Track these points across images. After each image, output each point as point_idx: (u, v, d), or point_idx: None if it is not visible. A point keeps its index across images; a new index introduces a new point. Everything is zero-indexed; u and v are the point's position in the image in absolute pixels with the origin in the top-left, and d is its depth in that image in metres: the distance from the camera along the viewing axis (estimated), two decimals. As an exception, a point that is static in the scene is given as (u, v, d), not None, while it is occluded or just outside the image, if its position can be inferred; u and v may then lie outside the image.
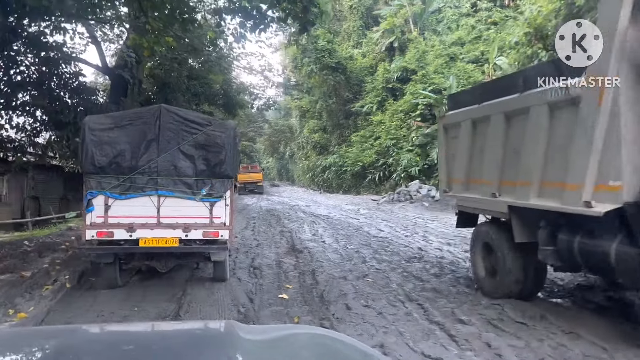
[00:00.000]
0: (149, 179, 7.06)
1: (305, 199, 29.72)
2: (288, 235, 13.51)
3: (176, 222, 7.06)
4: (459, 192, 7.62)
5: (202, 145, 7.26)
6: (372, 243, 11.71)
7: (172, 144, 7.14)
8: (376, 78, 34.88)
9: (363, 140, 33.49)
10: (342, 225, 15.10)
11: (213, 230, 7.16)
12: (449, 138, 8.05)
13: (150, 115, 7.28)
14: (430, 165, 27.54)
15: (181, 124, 7.23)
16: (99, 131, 6.99)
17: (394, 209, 19.73)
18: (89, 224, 6.96)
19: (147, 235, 6.93)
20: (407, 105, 30.44)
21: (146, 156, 7.06)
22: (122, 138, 7.03)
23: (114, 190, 6.95)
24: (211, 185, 7.25)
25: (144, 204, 7.05)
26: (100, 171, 6.92)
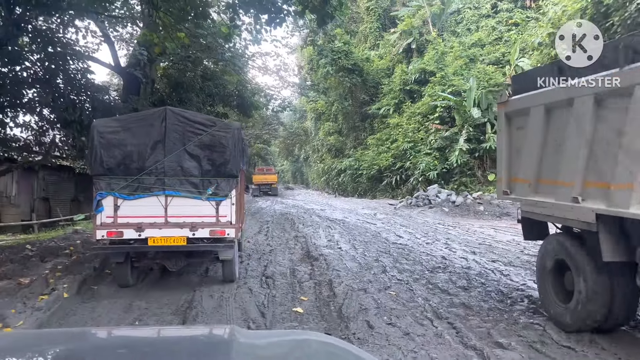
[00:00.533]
0: (156, 180, 7.20)
1: (320, 203, 29.13)
2: (303, 241, 12.92)
3: (183, 221, 7.21)
4: (525, 194, 6.24)
5: (207, 145, 7.39)
6: (391, 250, 11.06)
7: (178, 145, 7.29)
8: (393, 80, 34.18)
9: (379, 143, 32.79)
10: (359, 231, 14.46)
11: (219, 228, 7.29)
12: (513, 129, 6.60)
13: (156, 117, 7.40)
14: (449, 169, 26.79)
15: (186, 125, 7.36)
16: (107, 134, 7.13)
17: (413, 214, 19.01)
18: (99, 224, 7.11)
19: (156, 234, 7.08)
20: (425, 108, 29.71)
21: (153, 157, 7.20)
22: (130, 140, 7.16)
23: (123, 191, 7.09)
24: (217, 184, 7.36)
25: (151, 203, 7.19)
26: (109, 172, 7.07)
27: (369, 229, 14.97)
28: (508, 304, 6.53)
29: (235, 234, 7.46)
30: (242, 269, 9.00)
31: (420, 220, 17.00)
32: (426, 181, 27.30)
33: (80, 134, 9.88)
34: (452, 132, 26.84)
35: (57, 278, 7.53)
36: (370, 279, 7.96)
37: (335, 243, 12.30)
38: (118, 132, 7.19)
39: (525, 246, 11.31)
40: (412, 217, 17.95)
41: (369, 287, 7.37)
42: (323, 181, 43.44)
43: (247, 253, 10.87)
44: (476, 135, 26.17)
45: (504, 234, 13.68)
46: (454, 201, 18.99)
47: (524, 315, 6.01)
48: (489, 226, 15.23)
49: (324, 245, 12.07)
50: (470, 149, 25.77)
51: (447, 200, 19.50)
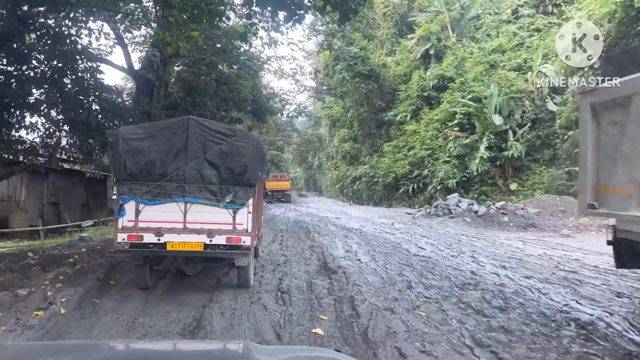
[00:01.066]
0: (176, 186, 7.37)
1: (334, 211, 28.44)
2: (319, 251, 12.28)
3: (201, 227, 7.33)
4: (623, 208, 4.99)
5: (226, 154, 7.54)
6: (414, 263, 10.35)
7: (199, 153, 7.44)
8: (410, 86, 33.53)
9: (396, 151, 32.10)
10: (378, 241, 13.76)
11: (236, 236, 7.40)
12: (604, 124, 5.32)
13: (179, 126, 7.60)
14: (468, 177, 26.01)
15: (208, 134, 7.53)
16: (131, 140, 7.36)
17: (433, 224, 18.26)
18: (120, 228, 7.27)
19: (174, 239, 7.25)
20: (444, 115, 28.99)
21: (174, 164, 7.37)
22: (153, 147, 7.37)
23: (145, 196, 7.28)
24: (235, 193, 7.47)
25: (171, 209, 7.35)
26: (132, 178, 7.26)
27: (388, 239, 14.27)
28: (553, 329, 5.80)
29: (250, 242, 7.54)
30: (255, 281, 8.40)
31: (442, 231, 16.25)
32: (445, 190, 26.53)
33: (88, 136, 9.39)
34: (472, 140, 26.08)
35: (57, 290, 6.97)
36: (396, 296, 7.27)
37: (354, 254, 11.63)
38: (143, 139, 7.41)
39: (559, 261, 10.54)
40: (432, 228, 17.20)
41: (396, 306, 6.69)
42: (337, 189, 42.80)
43: (261, 264, 10.26)
44: (497, 142, 25.38)
45: (533, 246, 12.88)
46: (476, 211, 18.20)
47: (575, 343, 5.28)
48: (516, 238, 14.44)
49: (342, 256, 11.41)
50: (491, 157, 24.97)
51: (469, 210, 18.71)
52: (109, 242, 11.02)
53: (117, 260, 9.52)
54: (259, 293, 7.51)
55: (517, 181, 24.93)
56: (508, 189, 24.96)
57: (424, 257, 11.10)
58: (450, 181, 25.70)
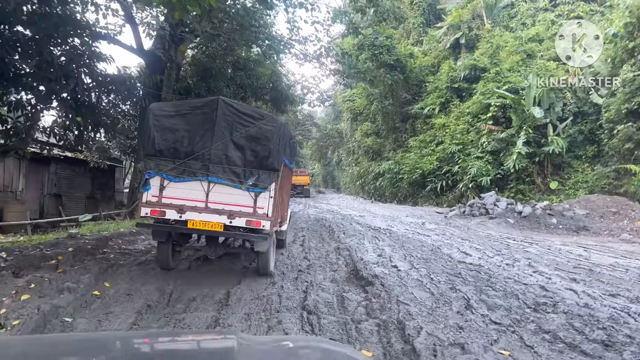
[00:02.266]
0: (201, 165, 7.36)
1: (356, 208, 26.68)
2: (346, 254, 10.62)
3: (222, 208, 7.33)
4: None
5: (252, 137, 7.47)
6: (463, 273, 8.62)
7: (226, 134, 7.41)
8: (439, 77, 31.60)
9: (423, 145, 30.22)
10: (413, 244, 12.02)
11: (255, 219, 7.33)
12: None
13: (209, 106, 7.55)
14: (503, 174, 24.04)
15: (236, 116, 7.49)
16: (161, 117, 7.42)
17: (470, 225, 16.41)
18: (144, 202, 7.30)
19: (195, 217, 7.24)
20: (477, 107, 27.05)
21: (201, 144, 7.36)
22: (182, 125, 7.41)
23: (170, 172, 7.32)
24: (258, 176, 7.43)
25: (194, 188, 7.38)
26: (159, 154, 7.31)
27: (424, 242, 12.52)
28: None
29: (270, 227, 7.45)
30: (274, 294, 6.78)
31: (483, 233, 14.41)
32: (477, 188, 24.62)
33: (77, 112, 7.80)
34: (508, 134, 24.09)
35: (21, 304, 5.42)
36: (459, 322, 5.54)
37: (388, 259, 9.93)
38: (172, 117, 7.45)
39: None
40: (471, 229, 15.36)
41: (464, 338, 4.96)
42: (358, 185, 41.00)
43: (281, 270, 8.64)
44: (536, 137, 23.36)
45: (598, 254, 11.02)
46: (520, 211, 16.28)
47: None
48: (572, 243, 12.56)
49: (374, 261, 9.71)
50: (529, 152, 22.97)
51: (511, 211, 16.80)
52: (103, 240, 9.48)
53: (110, 263, 7.98)
54: (278, 312, 5.86)
55: (558, 179, 22.90)
56: (547, 188, 22.95)
57: (473, 266, 9.34)
58: (483, 178, 23.78)
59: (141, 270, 7.77)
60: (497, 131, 24.96)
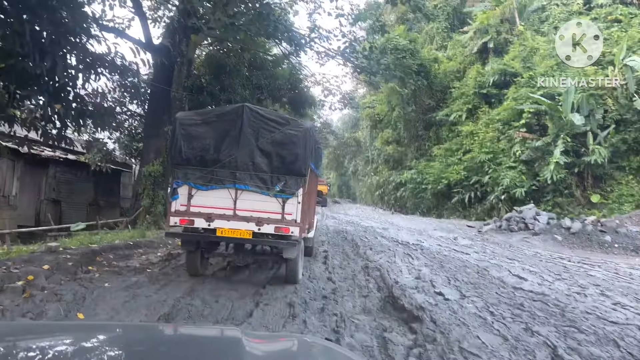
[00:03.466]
0: (229, 173, 7.33)
1: (377, 220, 25.01)
2: (377, 275, 9.05)
3: (250, 215, 7.29)
4: None
5: (278, 143, 7.43)
6: (526, 304, 6.98)
7: (252, 140, 7.38)
8: (466, 83, 29.88)
9: (448, 154, 28.47)
10: (453, 264, 10.36)
11: (284, 226, 7.29)
12: None
13: (234, 113, 7.56)
14: (539, 186, 22.18)
15: (262, 122, 7.46)
16: (188, 126, 7.43)
17: (512, 241, 14.65)
18: (173, 211, 7.30)
19: (224, 225, 7.23)
20: (508, 114, 25.27)
21: (227, 151, 7.34)
22: (209, 133, 7.39)
23: (198, 181, 7.32)
24: (285, 182, 7.38)
25: (222, 195, 7.35)
26: (187, 163, 7.32)
27: (464, 261, 10.85)
28: None
29: (299, 233, 7.41)
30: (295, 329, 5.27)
31: (529, 252, 12.66)
32: (510, 200, 22.78)
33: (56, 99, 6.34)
34: (544, 142, 22.24)
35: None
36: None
37: (429, 284, 8.32)
38: (199, 125, 7.44)
39: None
40: (513, 247, 13.62)
41: None
42: (377, 196, 39.28)
43: (301, 296, 7.09)
44: (575, 146, 21.49)
45: (681, 281, 9.23)
46: (568, 227, 14.48)
47: None
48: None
49: (413, 285, 8.12)
50: (567, 162, 21.10)
51: (556, 226, 15.01)
52: (89, 255, 8.00)
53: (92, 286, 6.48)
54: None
55: (599, 192, 20.97)
56: (588, 201, 21.04)
57: (535, 294, 7.68)
58: (517, 190, 21.95)
59: (129, 295, 6.26)
60: (531, 139, 23.14)
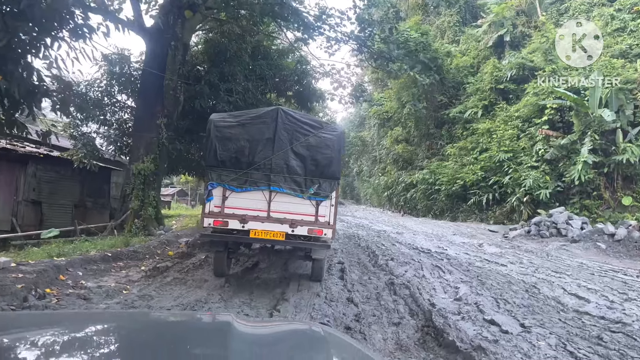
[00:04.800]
0: (263, 175, 7.45)
1: (388, 223, 23.35)
2: (405, 294, 7.50)
3: (284, 217, 7.41)
4: None
5: (312, 146, 7.61)
6: (604, 337, 5.52)
7: (286, 143, 7.52)
8: (482, 78, 28.25)
9: (463, 153, 26.83)
10: (493, 279, 8.75)
11: (317, 228, 7.43)
12: None
13: (269, 115, 7.65)
14: (565, 187, 20.54)
15: (296, 125, 7.62)
16: (223, 128, 7.56)
17: (548, 250, 12.99)
18: (207, 212, 7.40)
19: (258, 227, 7.34)
20: (528, 110, 23.65)
21: (262, 153, 7.46)
22: (243, 135, 7.51)
23: (232, 183, 7.43)
24: (319, 184, 7.54)
25: (256, 197, 7.46)
26: (221, 165, 7.45)
27: (505, 274, 9.23)
28: None
29: (332, 235, 7.63)
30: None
31: (572, 263, 11.01)
32: (532, 202, 21.15)
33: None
34: (569, 140, 20.59)
35: None
36: None
37: (474, 307, 6.74)
38: (233, 127, 7.57)
39: None
40: (552, 256, 11.97)
41: None
42: (385, 197, 37.58)
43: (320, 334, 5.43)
44: (603, 145, 19.84)
45: None
46: (611, 234, 12.81)
47: None
48: None
49: (454, 310, 6.57)
50: (595, 162, 19.47)
51: (597, 232, 13.34)
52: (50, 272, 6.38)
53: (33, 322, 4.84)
54: None
55: (630, 194, 19.33)
56: (618, 204, 19.38)
57: (611, 322, 6.11)
58: (541, 191, 20.31)
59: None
60: (555, 137, 21.51)
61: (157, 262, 8.58)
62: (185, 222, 20.72)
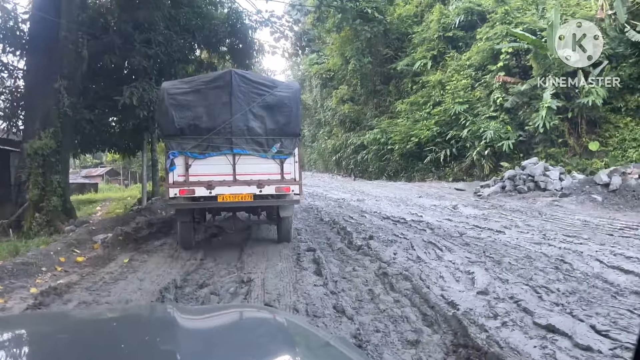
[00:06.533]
0: (224, 139, 7.43)
1: (344, 189, 21.43)
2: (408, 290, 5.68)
3: (250, 178, 7.46)
4: None
5: (270, 105, 7.63)
6: None
7: (243, 105, 7.49)
8: (428, 26, 26.45)
9: (415, 109, 25.18)
10: (506, 254, 6.97)
11: (285, 185, 7.58)
12: None
13: (222, 79, 7.61)
14: (527, 136, 19.34)
15: (251, 86, 7.60)
16: (177, 95, 7.42)
17: (537, 207, 11.46)
18: (171, 183, 7.35)
19: (225, 192, 7.38)
20: (481, 57, 22.17)
21: (221, 118, 7.44)
22: (199, 101, 7.44)
23: (194, 150, 7.36)
24: (281, 143, 7.59)
25: (220, 162, 7.46)
26: (180, 133, 7.37)
27: (516, 246, 7.48)
28: None
29: (299, 191, 7.80)
30: None
31: (574, 221, 9.43)
32: (493, 155, 19.88)
33: None
34: (530, 85, 19.27)
35: None
36: None
37: (511, 303, 4.95)
38: (187, 93, 7.45)
39: None
40: (547, 214, 10.39)
41: None
42: (333, 161, 35.69)
43: None
44: (564, 89, 18.67)
45: None
46: (605, 183, 11.44)
47: None
48: None
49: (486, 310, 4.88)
50: (559, 107, 18.31)
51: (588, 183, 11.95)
52: None
53: None
54: None
55: (597, 139, 18.40)
56: (584, 150, 18.45)
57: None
58: (503, 143, 19.02)
59: None
60: (513, 83, 20.17)
61: (57, 276, 6.07)
62: (111, 207, 17.84)
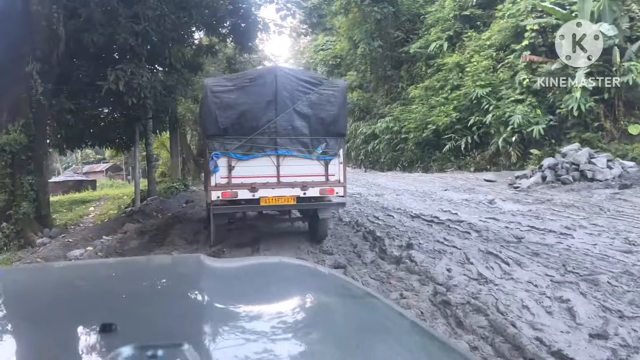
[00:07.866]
0: (269, 139, 7.15)
1: (358, 182, 19.71)
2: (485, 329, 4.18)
3: (294, 180, 7.27)
4: None
5: (315, 104, 7.36)
6: None
7: (288, 104, 7.21)
8: (443, 5, 24.67)
9: (430, 94, 23.47)
10: (602, 271, 5.38)
11: (329, 187, 7.36)
12: None
13: (267, 76, 7.31)
14: (559, 120, 17.66)
15: (296, 84, 7.31)
16: (220, 93, 7.10)
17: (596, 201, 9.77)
18: (214, 185, 7.06)
19: (269, 194, 7.15)
20: (503, 36, 20.44)
21: (265, 117, 7.12)
22: (244, 99, 7.11)
23: (237, 151, 7.09)
24: (326, 143, 7.33)
25: (264, 163, 7.23)
26: (224, 133, 7.07)
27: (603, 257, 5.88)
28: None
29: (344, 193, 7.51)
30: None
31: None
32: (521, 142, 18.22)
33: None
34: (560, 64, 17.54)
35: None
36: None
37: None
38: (231, 92, 7.13)
39: None
40: (613, 211, 8.69)
41: None
42: (341, 152, 34.00)
43: None
44: (599, 67, 16.95)
45: None
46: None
47: None
48: None
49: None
50: (594, 88, 16.61)
51: None
52: None
53: None
54: None
55: (636, 121, 16.73)
56: (623, 134, 16.78)
57: None
58: (533, 128, 17.33)
59: None
60: (542, 63, 18.45)
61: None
62: (106, 207, 16.31)
